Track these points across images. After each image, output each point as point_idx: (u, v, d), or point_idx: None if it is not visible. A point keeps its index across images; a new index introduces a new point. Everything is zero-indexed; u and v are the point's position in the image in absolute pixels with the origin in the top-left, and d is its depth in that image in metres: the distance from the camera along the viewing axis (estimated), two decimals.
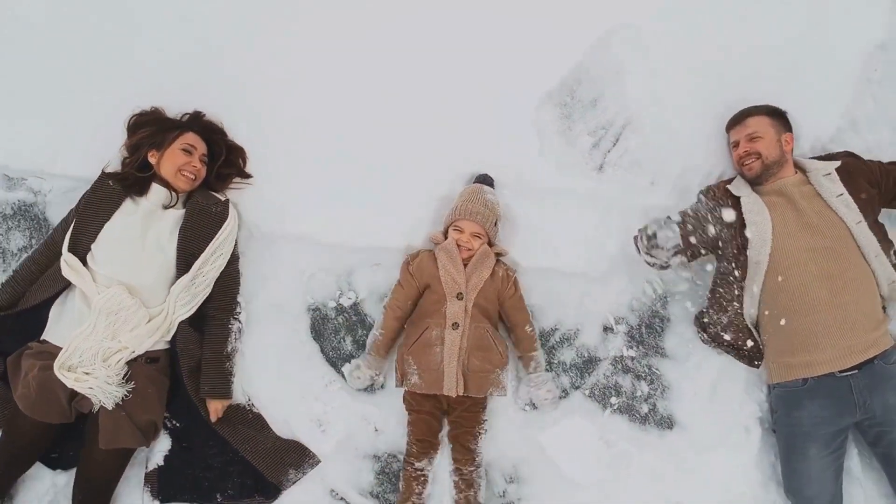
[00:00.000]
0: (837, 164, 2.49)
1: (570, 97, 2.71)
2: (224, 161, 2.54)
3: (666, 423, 2.56)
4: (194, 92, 2.60)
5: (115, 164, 2.47)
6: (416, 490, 2.40)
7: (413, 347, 2.41)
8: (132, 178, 2.39)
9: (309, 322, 2.57)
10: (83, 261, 2.28)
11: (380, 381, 2.54)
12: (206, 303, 2.41)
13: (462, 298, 2.41)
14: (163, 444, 2.37)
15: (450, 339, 2.38)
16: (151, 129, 2.43)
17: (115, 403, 2.19)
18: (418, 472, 2.41)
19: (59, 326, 2.26)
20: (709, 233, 2.44)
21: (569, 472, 2.46)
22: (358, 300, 2.59)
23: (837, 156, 2.59)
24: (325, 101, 2.65)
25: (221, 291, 2.44)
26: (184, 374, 2.34)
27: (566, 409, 2.56)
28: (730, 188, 2.51)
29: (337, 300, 2.58)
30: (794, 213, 2.42)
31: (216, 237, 2.40)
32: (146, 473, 2.35)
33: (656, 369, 2.60)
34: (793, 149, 2.56)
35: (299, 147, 2.60)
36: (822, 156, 2.64)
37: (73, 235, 2.30)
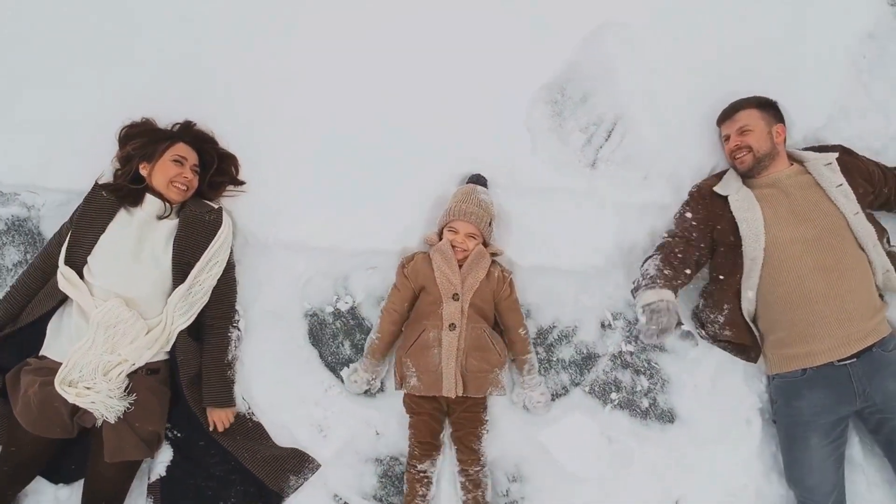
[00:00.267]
0: (836, 154, 2.50)
1: (560, 94, 2.71)
2: (216, 169, 2.53)
3: (667, 417, 2.56)
4: (185, 100, 2.59)
5: (109, 176, 2.46)
6: (420, 492, 2.40)
7: (411, 350, 2.41)
8: (125, 190, 2.38)
9: (306, 327, 2.57)
10: (80, 274, 2.28)
11: (377, 385, 2.53)
12: (204, 312, 2.41)
13: (458, 299, 2.41)
14: (165, 455, 2.37)
15: (447, 341, 2.38)
16: (142, 141, 2.43)
17: (117, 417, 2.18)
18: (421, 475, 2.41)
19: (58, 341, 2.26)
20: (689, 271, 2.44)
21: (571, 468, 2.46)
22: (355, 304, 2.59)
23: (831, 148, 2.59)
24: (316, 105, 2.65)
25: (219, 300, 2.44)
26: (184, 384, 2.34)
27: (567, 406, 2.56)
28: (716, 189, 2.51)
29: (334, 305, 2.57)
30: (786, 204, 2.43)
31: (211, 245, 2.39)
32: (149, 484, 2.34)
33: (655, 363, 2.60)
34: (785, 140, 2.56)
35: (291, 153, 2.60)
36: (816, 146, 2.64)
37: (69, 248, 2.30)
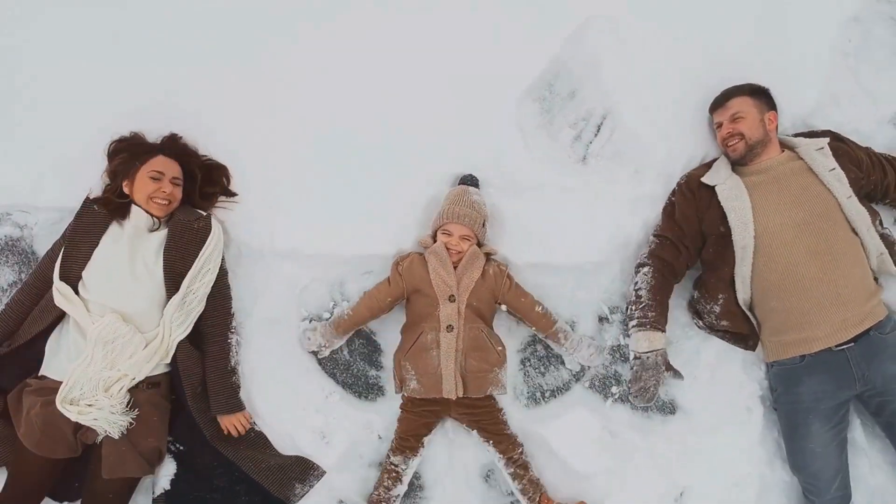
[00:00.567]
0: (828, 139, 2.50)
1: (548, 91, 2.71)
2: (208, 180, 2.52)
3: (668, 408, 2.57)
4: (175, 113, 2.57)
5: (99, 191, 2.45)
6: (386, 483, 2.42)
7: (409, 353, 2.42)
8: (113, 204, 2.38)
9: None
10: (75, 290, 2.27)
11: (325, 354, 2.53)
12: (202, 321, 2.40)
13: (454, 301, 2.41)
14: (168, 469, 2.36)
15: (445, 342, 2.38)
16: (123, 157, 2.41)
17: (121, 432, 2.18)
18: (392, 467, 2.43)
19: (57, 360, 2.25)
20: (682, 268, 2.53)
21: (575, 464, 2.46)
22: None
23: (821, 134, 2.60)
24: (305, 113, 2.64)
25: (214, 307, 2.43)
26: (187, 395, 2.34)
27: (568, 402, 2.58)
28: (703, 180, 2.52)
29: (331, 311, 2.57)
30: (776, 190, 2.43)
31: (201, 253, 2.37)
32: (153, 499, 2.34)
33: None
34: (777, 127, 2.56)
35: (281, 161, 2.59)
36: (806, 132, 2.65)
37: (63, 263, 2.29)
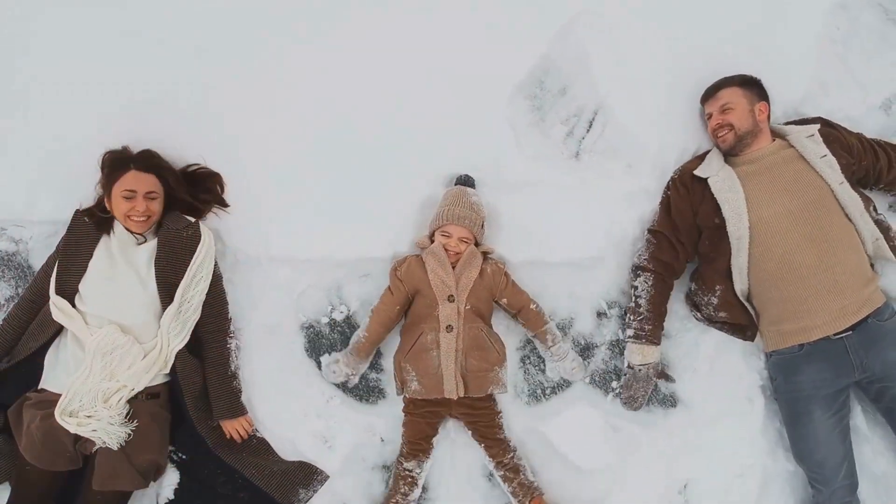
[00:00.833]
0: (818, 126, 2.50)
1: (539, 88, 2.71)
2: (201, 188, 2.52)
3: (669, 401, 2.57)
4: (167, 124, 2.57)
5: (93, 203, 2.45)
6: (402, 490, 2.41)
7: (409, 354, 2.42)
8: (96, 217, 2.37)
9: (304, 340, 2.57)
10: (71, 303, 2.27)
11: (354, 381, 2.53)
12: (200, 328, 2.40)
13: (453, 301, 2.42)
14: (171, 478, 2.36)
15: (445, 342, 2.39)
16: (105, 172, 2.40)
17: (119, 444, 2.18)
18: (406, 472, 2.42)
19: (56, 373, 2.25)
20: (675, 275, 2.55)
21: (578, 460, 2.47)
22: (350, 313, 2.59)
23: (812, 121, 2.60)
24: (296, 119, 2.63)
25: (211, 313, 2.43)
26: (188, 404, 2.33)
27: (569, 398, 2.58)
28: (696, 173, 2.52)
29: (329, 315, 2.57)
30: (769, 179, 2.43)
31: (193, 261, 2.36)
32: None
33: None
34: (769, 117, 2.56)
35: (274, 166, 2.59)
36: (797, 120, 2.65)
37: (59, 277, 2.29)
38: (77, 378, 2.17)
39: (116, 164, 2.40)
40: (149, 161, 2.42)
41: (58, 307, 2.25)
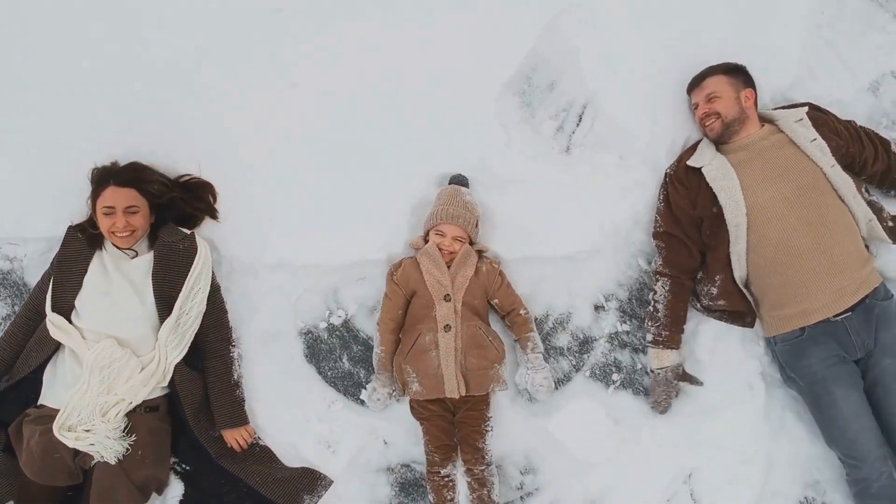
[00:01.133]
0: (806, 109, 2.51)
1: (527, 84, 2.71)
2: (194, 197, 2.52)
3: None
4: (157, 135, 2.57)
5: (85, 218, 2.45)
6: (448, 497, 2.40)
7: (409, 355, 2.41)
8: (89, 232, 2.38)
9: (303, 346, 2.56)
10: (68, 319, 2.27)
11: (397, 395, 2.52)
12: (201, 338, 2.40)
13: (450, 300, 2.41)
14: (176, 490, 2.36)
15: (444, 342, 2.38)
16: (91, 190, 2.39)
17: (117, 458, 2.17)
18: (446, 479, 2.41)
19: (55, 388, 2.25)
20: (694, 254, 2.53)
21: (581, 454, 2.47)
22: (348, 317, 2.58)
23: (800, 106, 2.59)
24: (285, 125, 2.63)
25: (212, 324, 2.43)
26: (189, 416, 2.33)
27: (570, 392, 2.57)
28: (689, 163, 2.52)
29: (327, 320, 2.57)
30: (761, 165, 2.43)
31: (190, 273, 2.36)
32: None
33: None
34: (756, 104, 2.56)
35: (267, 174, 2.59)
36: (785, 106, 2.65)
37: (54, 294, 2.29)
38: (75, 392, 2.17)
39: (98, 180, 2.40)
40: (127, 175, 2.39)
41: (54, 324, 2.25)
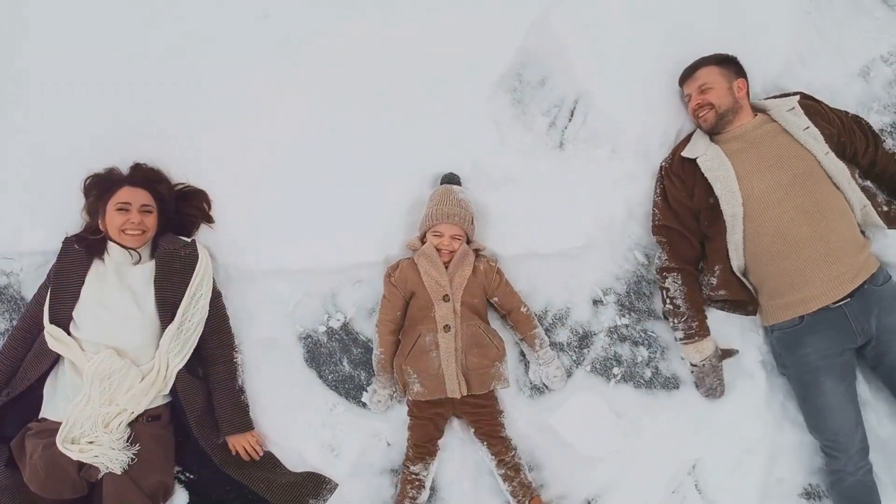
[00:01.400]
0: (798, 97, 2.51)
1: (518, 81, 2.72)
2: (189, 205, 2.52)
3: (671, 383, 2.57)
4: (148, 140, 2.57)
5: (80, 229, 2.45)
6: (410, 494, 2.41)
7: (409, 356, 2.41)
8: (88, 241, 2.37)
9: (302, 351, 2.56)
10: (66, 330, 2.26)
11: (398, 397, 2.53)
12: (204, 346, 2.41)
13: (449, 300, 2.41)
14: (180, 499, 2.35)
15: (444, 342, 2.38)
16: (94, 194, 2.41)
17: (122, 468, 2.17)
18: (413, 476, 2.42)
19: (56, 401, 2.24)
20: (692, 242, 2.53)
21: (585, 448, 2.47)
22: (347, 320, 2.58)
23: (792, 95, 2.60)
24: (279, 130, 2.63)
25: (214, 330, 2.44)
26: (192, 424, 2.33)
27: (572, 387, 2.57)
28: (684, 154, 2.52)
29: (326, 324, 2.57)
30: (755, 155, 2.44)
31: (192, 279, 2.37)
32: None
33: (652, 332, 2.62)
34: (748, 94, 2.57)
35: (260, 180, 2.58)
36: (777, 95, 2.66)
37: (52, 306, 2.29)
38: (76, 405, 2.17)
39: (108, 182, 2.42)
40: (141, 175, 2.46)
41: (53, 336, 2.25)
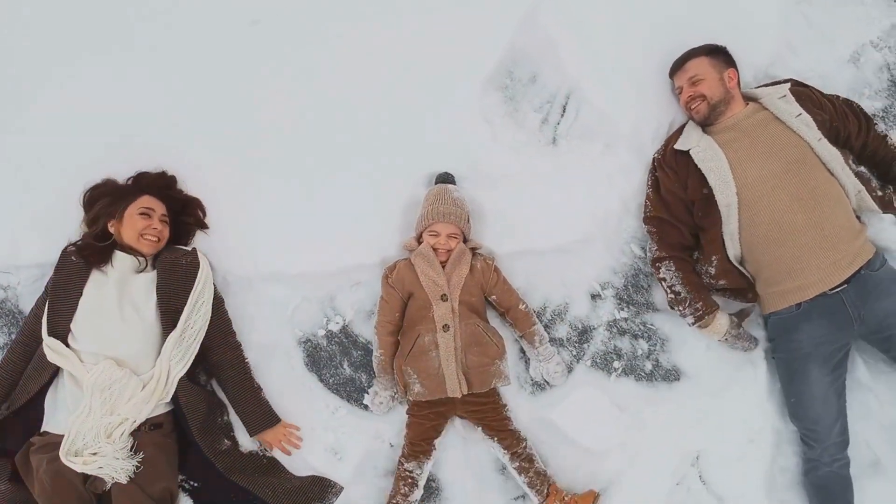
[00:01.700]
0: (789, 85, 2.51)
1: (509, 79, 2.72)
2: (183, 212, 2.54)
3: (672, 375, 2.57)
4: (142, 146, 2.58)
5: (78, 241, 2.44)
6: (402, 490, 2.41)
7: (409, 357, 2.41)
8: (92, 249, 2.37)
9: (302, 355, 2.56)
10: (65, 342, 2.26)
11: (399, 398, 2.54)
12: (213, 351, 2.42)
13: (447, 300, 2.41)
14: None
15: (443, 342, 2.38)
16: (108, 200, 2.43)
17: (128, 477, 2.17)
18: (406, 473, 2.42)
19: (57, 414, 2.25)
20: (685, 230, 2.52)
21: (588, 443, 2.47)
22: (346, 322, 2.58)
23: (783, 83, 2.60)
24: (273, 133, 2.63)
25: (222, 335, 2.45)
26: (194, 431, 2.33)
27: (573, 382, 2.57)
28: (677, 147, 2.52)
29: (325, 327, 2.57)
30: (748, 144, 2.43)
31: (195, 287, 2.38)
32: None
33: (651, 325, 2.61)
34: (739, 83, 2.57)
35: (255, 186, 2.59)
36: (768, 83, 2.66)
37: (50, 318, 2.29)
38: (78, 416, 2.16)
39: (130, 189, 2.47)
40: (161, 186, 2.52)
41: (51, 348, 2.25)
